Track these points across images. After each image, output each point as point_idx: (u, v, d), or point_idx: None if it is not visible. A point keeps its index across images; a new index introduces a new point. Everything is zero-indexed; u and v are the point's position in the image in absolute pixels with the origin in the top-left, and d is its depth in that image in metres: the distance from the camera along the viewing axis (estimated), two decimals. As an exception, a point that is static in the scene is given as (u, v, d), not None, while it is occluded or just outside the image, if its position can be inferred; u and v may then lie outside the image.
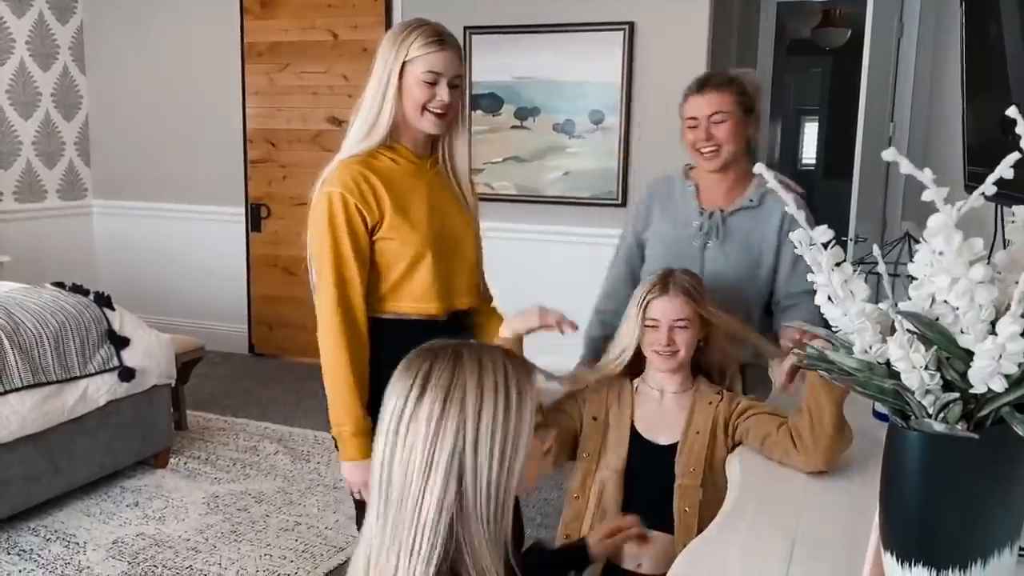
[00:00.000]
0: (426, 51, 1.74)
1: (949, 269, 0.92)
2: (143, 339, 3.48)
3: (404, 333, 1.75)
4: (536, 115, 4.62)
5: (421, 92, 1.75)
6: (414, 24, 1.78)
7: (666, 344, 1.83)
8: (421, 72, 1.74)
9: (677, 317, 1.83)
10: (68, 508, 3.23)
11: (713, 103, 2.04)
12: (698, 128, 2.05)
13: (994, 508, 1.07)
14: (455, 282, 1.87)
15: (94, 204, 5.77)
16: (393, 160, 1.82)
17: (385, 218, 1.77)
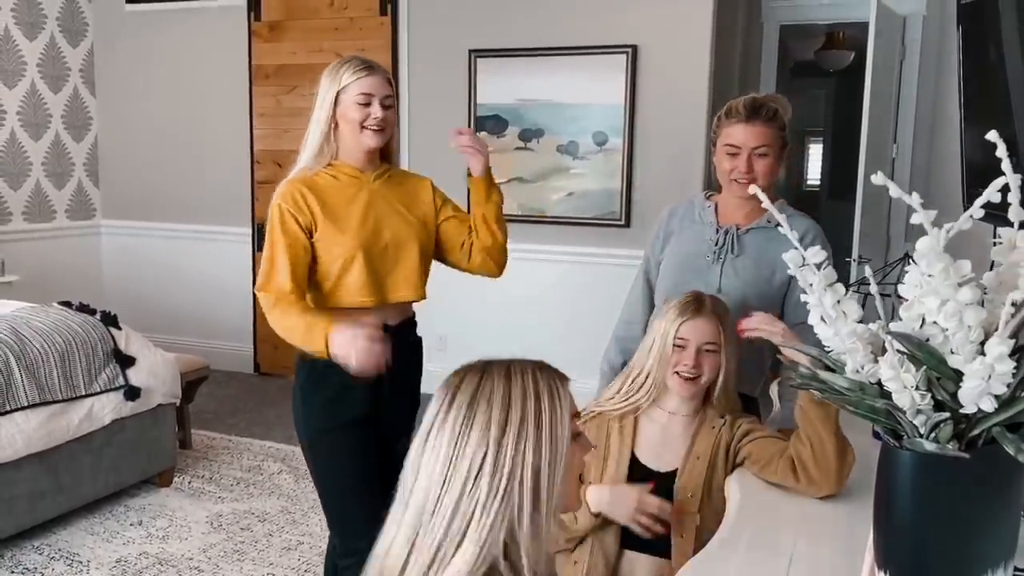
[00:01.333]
0: (357, 76, 2.01)
1: (938, 291, 0.94)
2: (148, 358, 3.50)
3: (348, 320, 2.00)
4: (540, 136, 4.65)
5: (357, 113, 2.01)
6: (346, 58, 2.07)
7: (693, 366, 1.80)
8: (355, 95, 2.01)
9: (708, 340, 1.81)
10: (72, 527, 3.24)
11: (760, 136, 2.03)
12: (739, 157, 2.05)
13: (988, 527, 1.08)
14: (390, 280, 2.09)
15: (102, 224, 5.82)
16: (333, 176, 2.08)
17: (318, 225, 2.03)
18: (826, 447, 1.62)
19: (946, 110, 4.18)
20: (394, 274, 2.09)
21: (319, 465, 2.13)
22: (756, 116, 2.03)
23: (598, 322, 2.48)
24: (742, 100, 2.08)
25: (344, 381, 1.97)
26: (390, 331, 2.06)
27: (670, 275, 2.16)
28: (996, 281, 1.00)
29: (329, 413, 2.07)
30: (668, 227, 2.23)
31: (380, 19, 4.92)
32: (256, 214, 5.36)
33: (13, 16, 5.17)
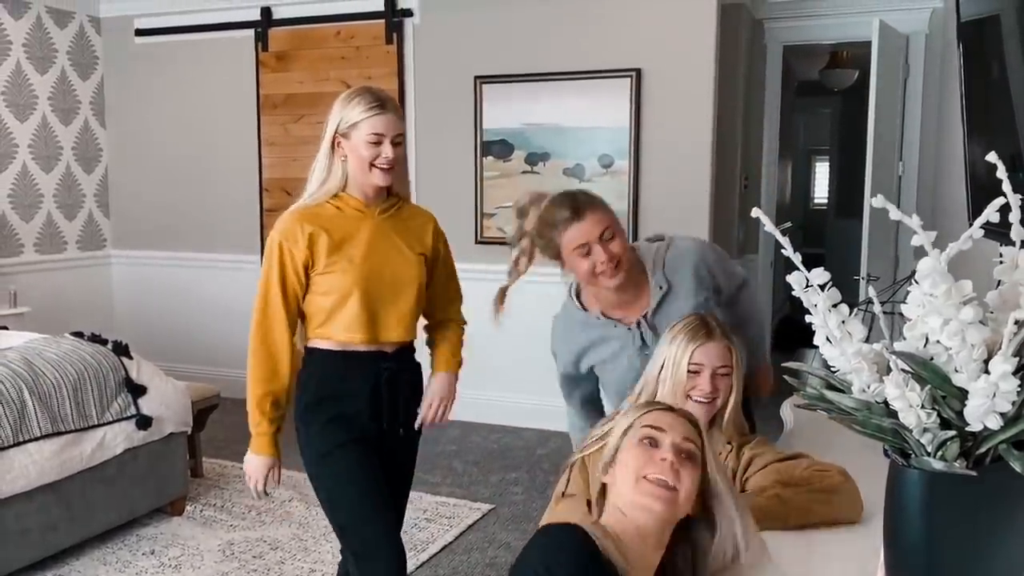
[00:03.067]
0: (367, 115, 1.97)
1: (940, 310, 0.94)
2: (160, 387, 3.52)
3: (341, 360, 2.07)
4: (546, 160, 4.68)
5: (367, 151, 1.98)
6: (357, 92, 2.02)
7: (710, 391, 1.78)
8: (366, 134, 1.97)
9: (722, 364, 1.80)
10: (85, 557, 3.24)
11: (598, 222, 2.00)
12: (591, 255, 1.99)
13: (997, 544, 1.08)
14: (384, 318, 2.07)
15: (112, 254, 5.87)
16: (338, 208, 2.06)
17: (316, 260, 2.02)
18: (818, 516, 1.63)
19: (951, 127, 4.19)
20: (389, 313, 2.07)
21: (325, 487, 2.12)
22: (581, 210, 2.00)
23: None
24: (555, 205, 2.04)
25: (340, 408, 2.05)
26: (387, 358, 2.09)
27: (616, 394, 2.15)
28: (999, 300, 1.01)
29: (328, 435, 2.06)
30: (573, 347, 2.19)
31: (386, 48, 4.98)
32: (265, 242, 5.39)
33: (25, 51, 5.25)
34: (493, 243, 4.82)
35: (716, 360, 1.80)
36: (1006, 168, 1.99)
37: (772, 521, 1.59)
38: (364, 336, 2.04)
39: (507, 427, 4.73)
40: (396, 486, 2.19)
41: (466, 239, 4.86)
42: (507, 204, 4.80)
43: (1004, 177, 0.91)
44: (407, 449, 2.24)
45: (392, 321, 2.07)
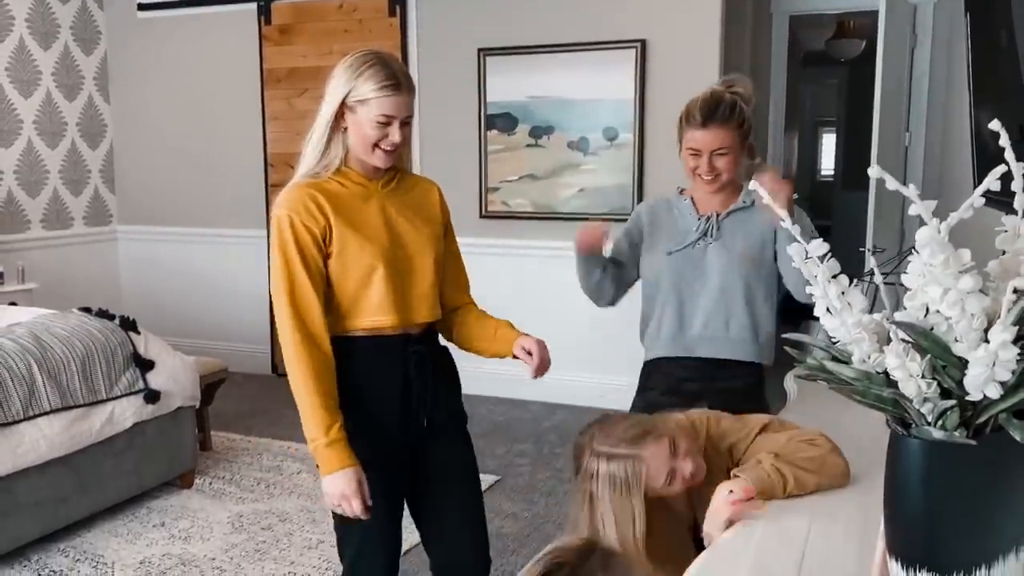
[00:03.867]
0: (380, 94, 1.78)
1: (939, 280, 0.94)
2: (168, 362, 3.54)
3: (369, 351, 1.86)
4: (550, 133, 4.67)
5: (373, 131, 1.80)
6: (370, 61, 1.80)
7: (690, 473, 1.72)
8: (375, 114, 1.78)
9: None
10: (96, 529, 3.29)
11: (718, 139, 2.16)
12: (700, 158, 2.19)
13: (998, 513, 1.09)
14: (411, 296, 1.89)
15: (119, 230, 5.89)
16: (341, 184, 1.87)
17: (334, 233, 1.82)
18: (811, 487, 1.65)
19: (959, 97, 4.16)
20: (415, 290, 1.89)
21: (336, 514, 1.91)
22: (712, 119, 2.15)
23: (613, 318, 2.49)
24: (699, 103, 2.18)
25: (367, 410, 1.85)
26: (414, 340, 1.90)
27: (662, 267, 2.26)
28: (1000, 269, 1.01)
29: (355, 446, 1.80)
30: (647, 221, 2.34)
31: (389, 20, 4.95)
32: (271, 217, 5.40)
33: (28, 27, 5.23)
34: (498, 217, 4.82)
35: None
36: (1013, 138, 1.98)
37: (773, 493, 1.62)
38: (394, 318, 1.85)
39: (514, 400, 4.75)
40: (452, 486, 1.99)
41: (470, 213, 4.86)
42: (511, 178, 4.80)
43: (1007, 145, 0.91)
44: (453, 444, 2.01)
45: (419, 300, 1.90)
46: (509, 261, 4.72)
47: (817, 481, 1.65)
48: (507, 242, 4.79)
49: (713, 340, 2.24)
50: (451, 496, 2.00)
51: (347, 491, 1.74)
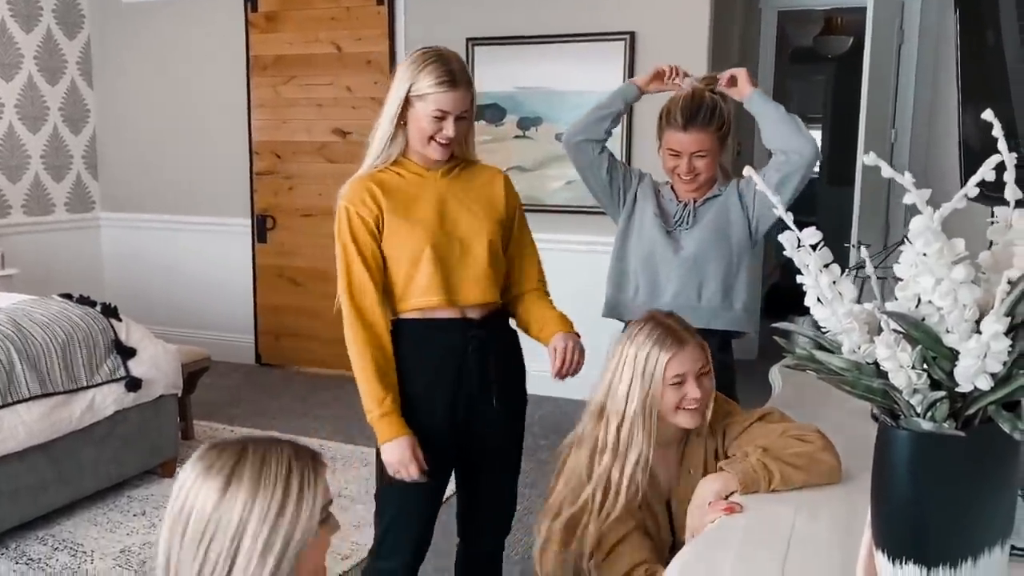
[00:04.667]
0: (436, 90, 1.86)
1: (932, 270, 0.94)
2: (150, 349, 3.51)
3: (420, 332, 1.97)
4: (538, 125, 4.65)
5: (429, 126, 1.89)
6: (431, 58, 1.89)
7: (701, 395, 1.75)
8: (432, 109, 1.87)
9: (701, 365, 1.76)
10: (75, 517, 3.26)
11: (697, 142, 2.20)
12: (680, 159, 2.23)
13: (984, 506, 1.09)
14: (459, 279, 1.95)
15: (101, 216, 5.82)
16: (398, 174, 1.97)
17: (385, 219, 1.93)
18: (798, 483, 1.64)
19: (945, 95, 4.18)
20: (463, 273, 1.95)
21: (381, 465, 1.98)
22: (692, 124, 2.18)
23: (599, 311, 2.48)
24: (680, 104, 2.21)
25: (428, 381, 1.95)
26: (474, 325, 1.96)
27: (641, 250, 2.31)
28: (992, 260, 1.01)
29: (405, 415, 1.91)
30: (641, 184, 2.40)
31: (377, 8, 4.91)
32: (256, 205, 5.36)
33: (9, 8, 5.16)
34: (485, 208, 4.80)
35: (695, 364, 1.75)
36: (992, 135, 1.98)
37: (757, 487, 1.61)
38: (442, 299, 1.92)
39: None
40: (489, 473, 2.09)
41: (457, 204, 4.84)
42: (499, 169, 4.78)
43: (1000, 135, 0.90)
44: (505, 430, 2.08)
45: (468, 283, 1.95)
46: (495, 252, 4.71)
47: (804, 478, 1.64)
48: (494, 233, 4.78)
49: (683, 310, 2.21)
50: (488, 483, 2.12)
51: (403, 458, 1.87)
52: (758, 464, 1.64)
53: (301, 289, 5.29)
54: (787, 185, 2.15)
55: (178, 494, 1.12)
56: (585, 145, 2.34)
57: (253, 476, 1.10)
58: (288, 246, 5.32)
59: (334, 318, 2.00)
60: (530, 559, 2.70)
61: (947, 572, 1.08)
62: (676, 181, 2.29)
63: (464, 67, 1.93)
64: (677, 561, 1.41)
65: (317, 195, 5.18)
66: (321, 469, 1.16)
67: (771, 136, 2.19)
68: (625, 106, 2.38)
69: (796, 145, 2.14)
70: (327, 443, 4.05)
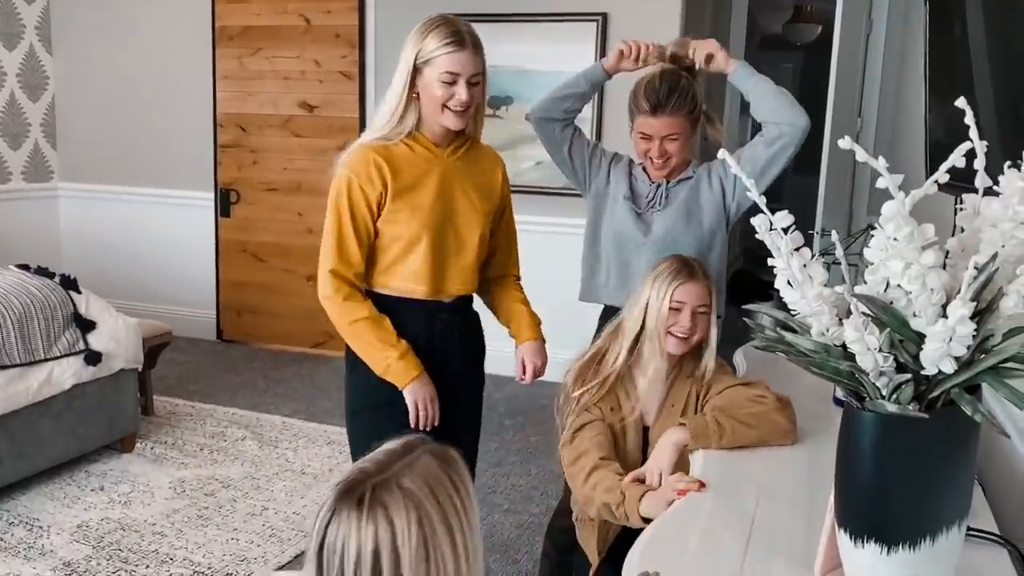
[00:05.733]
0: (443, 51, 1.80)
1: (902, 254, 0.95)
2: (110, 323, 3.44)
3: (395, 309, 1.94)
4: (509, 104, 4.62)
5: (440, 91, 1.82)
6: (435, 22, 1.84)
7: (689, 327, 1.86)
8: (440, 72, 1.81)
9: (701, 303, 1.87)
10: (32, 492, 3.20)
11: (668, 126, 2.16)
12: (651, 142, 2.19)
13: (944, 487, 1.11)
14: (449, 268, 1.96)
15: (60, 187, 5.69)
16: (409, 147, 1.92)
17: (388, 199, 1.89)
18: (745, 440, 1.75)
19: (911, 85, 4.23)
20: (452, 265, 1.97)
21: (355, 442, 2.02)
22: (662, 108, 2.14)
23: (568, 292, 2.48)
24: (651, 88, 2.17)
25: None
26: (444, 308, 1.98)
27: (611, 221, 2.30)
28: (959, 246, 1.03)
29: (376, 389, 1.92)
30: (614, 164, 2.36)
31: (347, -19, 4.84)
32: (219, 178, 5.27)
33: (-35, -30, 5.00)
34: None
35: (696, 300, 1.87)
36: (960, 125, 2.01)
37: (707, 440, 1.73)
38: (426, 288, 1.94)
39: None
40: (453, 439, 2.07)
41: (426, 182, 4.80)
42: (468, 148, 4.76)
43: (972, 123, 0.91)
44: (468, 402, 2.13)
45: (455, 273, 1.97)
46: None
47: (756, 436, 1.75)
48: (461, 213, 4.75)
49: None
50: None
51: (429, 394, 1.90)
52: (711, 420, 1.76)
53: (264, 265, 5.22)
54: (777, 161, 2.14)
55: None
56: (545, 124, 2.33)
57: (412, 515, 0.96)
58: (252, 221, 5.24)
59: (297, 295, 1.99)
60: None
61: (907, 551, 1.10)
62: (648, 164, 2.29)
63: (472, 30, 1.86)
64: (639, 544, 1.42)
65: (282, 169, 5.11)
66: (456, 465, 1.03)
67: (762, 109, 2.16)
68: (590, 87, 2.36)
69: (789, 116, 2.12)
70: (289, 420, 4.02)
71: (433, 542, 0.96)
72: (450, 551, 0.97)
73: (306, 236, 5.04)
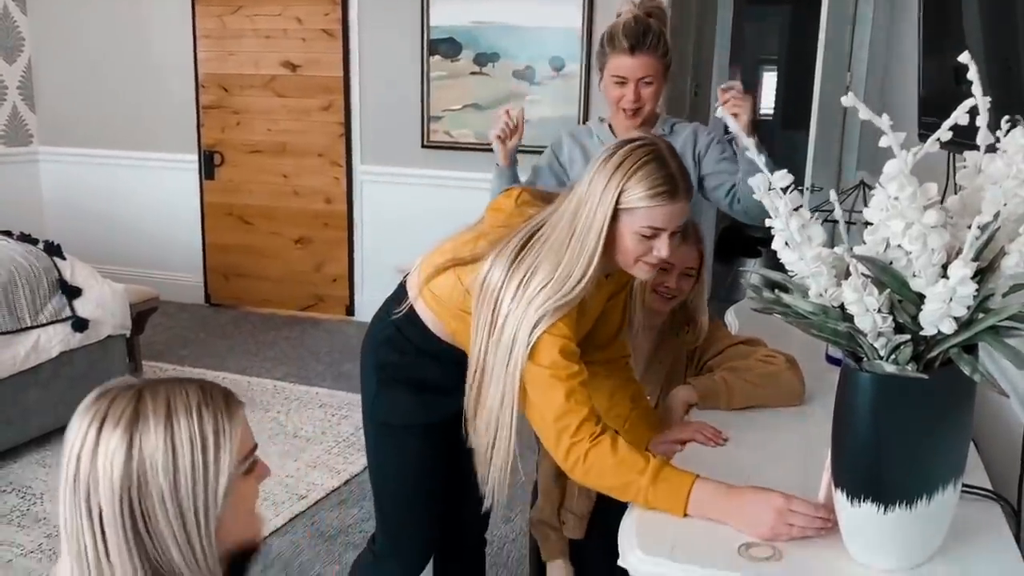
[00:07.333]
0: (650, 203, 1.40)
1: (904, 214, 0.94)
2: (96, 289, 3.41)
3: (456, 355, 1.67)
4: (495, 61, 4.56)
5: (635, 246, 1.44)
6: (642, 158, 1.40)
7: (675, 286, 1.79)
8: (639, 226, 1.42)
9: (688, 266, 1.79)
10: (23, 460, 3.19)
11: (645, 67, 2.07)
12: (626, 86, 2.09)
13: (940, 446, 1.11)
14: None
15: (40, 151, 5.59)
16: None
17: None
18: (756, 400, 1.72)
19: (900, 39, 4.19)
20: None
21: (382, 460, 1.80)
22: (640, 47, 2.06)
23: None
24: (624, 28, 2.09)
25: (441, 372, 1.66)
26: None
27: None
28: (960, 205, 1.01)
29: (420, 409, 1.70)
30: (568, 151, 2.26)
31: (328, -64, 4.72)
32: (202, 141, 5.19)
33: (-67, -73, 4.85)
34: (440, 147, 4.72)
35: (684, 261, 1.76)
36: (953, 82, 1.98)
37: (716, 401, 1.71)
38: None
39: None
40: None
41: (412, 144, 4.75)
42: (454, 107, 4.70)
43: (975, 79, 0.90)
44: None
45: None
46: (451, 193, 4.65)
47: (765, 396, 1.72)
48: (449, 174, 4.71)
49: None
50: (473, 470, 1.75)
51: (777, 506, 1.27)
52: (720, 380, 1.73)
53: (250, 228, 5.17)
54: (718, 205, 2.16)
55: (71, 455, 0.96)
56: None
57: (158, 424, 0.95)
58: (236, 183, 5.18)
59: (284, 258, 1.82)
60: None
61: (903, 509, 1.11)
62: (618, 116, 2.17)
63: (683, 166, 1.45)
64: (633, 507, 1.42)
65: (266, 131, 5.04)
66: (236, 409, 1.01)
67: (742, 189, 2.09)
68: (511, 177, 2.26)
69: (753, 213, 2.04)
70: (281, 383, 4.01)
71: (205, 461, 0.95)
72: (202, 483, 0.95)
73: (292, 198, 4.99)
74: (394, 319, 1.68)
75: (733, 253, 6.87)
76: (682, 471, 1.33)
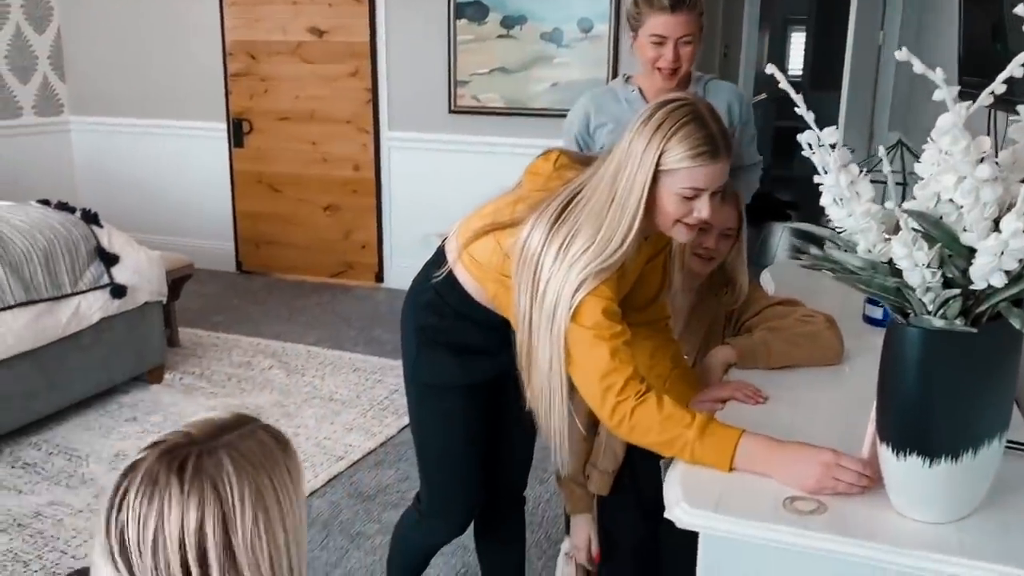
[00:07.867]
0: (691, 164, 1.39)
1: (956, 168, 0.94)
2: (133, 256, 3.46)
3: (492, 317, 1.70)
4: (523, 24, 4.53)
5: (676, 207, 1.43)
6: (681, 119, 1.39)
7: (714, 247, 1.78)
8: (680, 187, 1.41)
9: (728, 226, 1.78)
10: (67, 423, 3.27)
11: (685, 25, 2.04)
12: (664, 46, 2.06)
13: (986, 400, 1.12)
14: None
15: (71, 120, 5.65)
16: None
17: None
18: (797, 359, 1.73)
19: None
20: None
21: (424, 421, 1.82)
22: (681, 5, 2.03)
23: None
24: None
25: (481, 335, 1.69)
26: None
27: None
28: (1011, 159, 1.01)
29: (460, 370, 1.72)
30: (595, 114, 2.22)
31: (353, -101, 4.69)
32: (231, 109, 5.22)
33: None
34: (467, 113, 4.72)
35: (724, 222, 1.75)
36: (991, 40, 1.95)
37: (755, 360, 1.71)
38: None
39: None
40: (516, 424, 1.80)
41: (439, 109, 4.74)
42: (481, 71, 4.68)
43: (1031, 31, 0.89)
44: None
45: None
46: (478, 159, 4.65)
47: (805, 355, 1.72)
48: (477, 139, 4.71)
49: None
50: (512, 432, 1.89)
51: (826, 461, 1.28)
52: (759, 340, 1.73)
53: (280, 196, 5.21)
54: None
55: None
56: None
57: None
58: (265, 151, 5.21)
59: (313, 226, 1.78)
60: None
61: (948, 463, 1.12)
62: (653, 76, 2.12)
63: (723, 127, 1.44)
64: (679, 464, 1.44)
65: (294, 98, 5.05)
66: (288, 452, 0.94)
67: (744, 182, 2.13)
68: None
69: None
70: (314, 348, 4.07)
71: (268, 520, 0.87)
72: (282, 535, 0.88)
73: (321, 165, 5.01)
74: (433, 283, 1.69)
75: (763, 218, 6.83)
76: (728, 425, 1.35)
